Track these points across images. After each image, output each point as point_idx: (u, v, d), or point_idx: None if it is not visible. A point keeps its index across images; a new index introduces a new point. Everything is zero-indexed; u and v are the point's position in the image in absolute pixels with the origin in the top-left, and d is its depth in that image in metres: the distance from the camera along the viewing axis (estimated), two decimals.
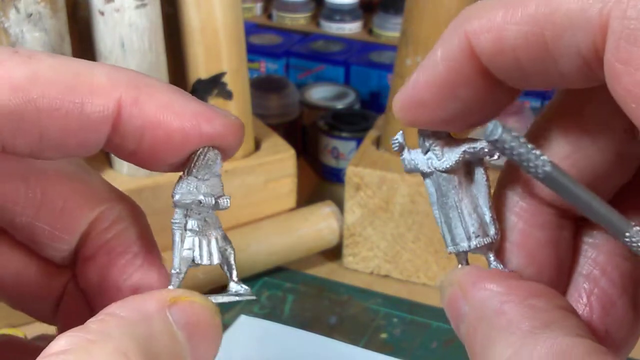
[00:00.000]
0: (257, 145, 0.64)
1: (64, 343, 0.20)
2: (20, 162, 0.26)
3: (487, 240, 0.25)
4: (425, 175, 0.26)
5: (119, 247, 0.26)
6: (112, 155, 0.60)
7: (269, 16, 1.03)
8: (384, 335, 0.57)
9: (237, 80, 0.60)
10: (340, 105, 0.80)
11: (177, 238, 0.25)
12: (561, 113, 0.24)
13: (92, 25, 0.55)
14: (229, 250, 0.26)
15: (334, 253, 0.65)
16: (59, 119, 0.22)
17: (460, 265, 0.26)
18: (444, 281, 0.25)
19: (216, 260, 0.26)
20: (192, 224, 0.25)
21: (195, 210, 0.25)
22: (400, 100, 0.25)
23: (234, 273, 0.26)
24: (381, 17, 0.96)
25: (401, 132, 0.26)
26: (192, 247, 0.25)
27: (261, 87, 0.77)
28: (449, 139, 0.26)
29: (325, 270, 0.64)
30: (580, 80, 0.21)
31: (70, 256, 0.27)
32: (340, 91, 0.83)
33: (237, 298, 0.26)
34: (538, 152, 0.21)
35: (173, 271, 0.25)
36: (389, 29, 0.94)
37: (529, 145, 0.21)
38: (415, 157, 0.26)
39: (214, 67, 0.59)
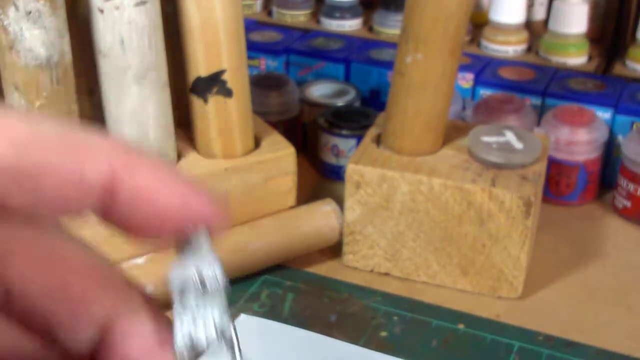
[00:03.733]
0: (257, 143, 0.64)
1: None
2: (42, 249, 0.26)
3: None
4: None
5: (143, 336, 0.26)
6: None
7: (269, 13, 1.03)
8: (384, 334, 0.57)
9: (237, 78, 0.60)
10: (340, 102, 0.80)
11: (175, 321, 0.25)
12: None
13: (92, 23, 0.55)
14: (227, 329, 0.25)
15: (334, 251, 0.65)
16: (57, 180, 0.22)
17: None
18: None
19: (214, 339, 0.25)
20: (186, 304, 0.25)
21: (191, 290, 0.25)
22: None
23: (237, 354, 0.25)
24: (381, 14, 0.95)
25: None
26: (189, 329, 0.25)
27: (261, 84, 0.77)
28: None
29: (325, 268, 0.64)
30: None
31: (88, 346, 0.27)
32: (341, 88, 0.83)
33: None
34: None
35: (178, 356, 0.25)
36: (390, 26, 0.94)
37: None
38: None
39: (214, 65, 0.59)
